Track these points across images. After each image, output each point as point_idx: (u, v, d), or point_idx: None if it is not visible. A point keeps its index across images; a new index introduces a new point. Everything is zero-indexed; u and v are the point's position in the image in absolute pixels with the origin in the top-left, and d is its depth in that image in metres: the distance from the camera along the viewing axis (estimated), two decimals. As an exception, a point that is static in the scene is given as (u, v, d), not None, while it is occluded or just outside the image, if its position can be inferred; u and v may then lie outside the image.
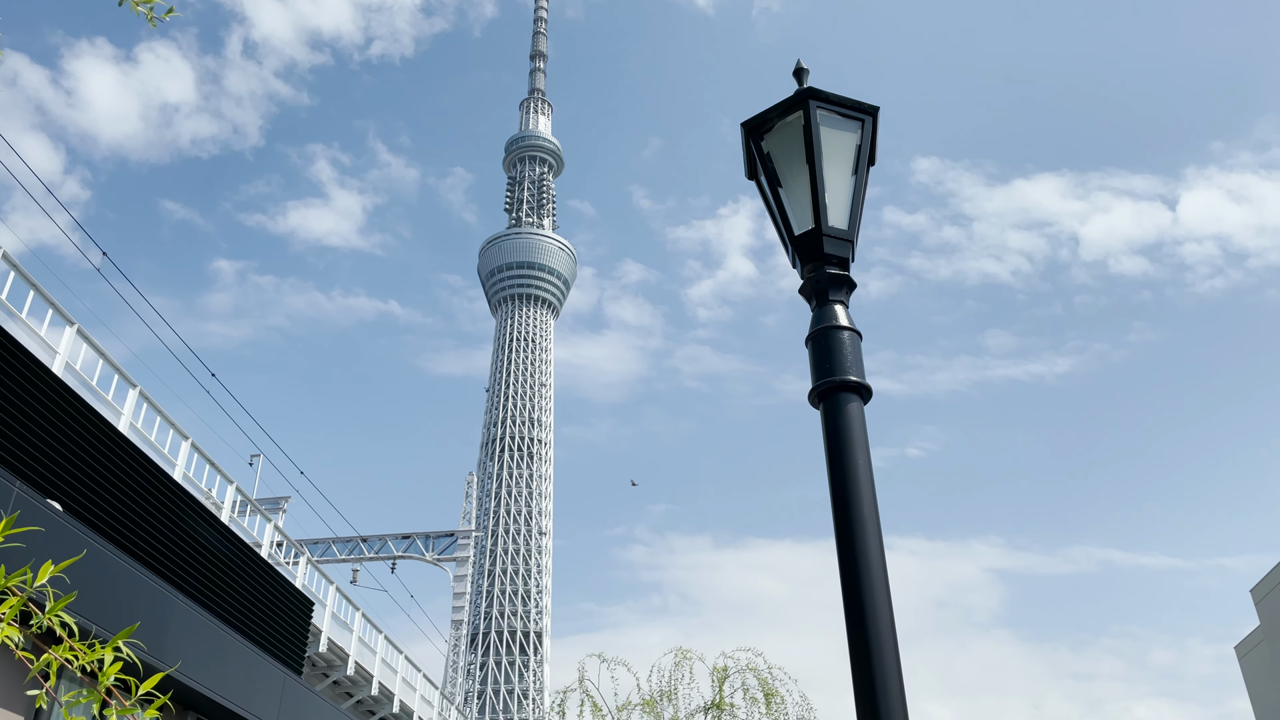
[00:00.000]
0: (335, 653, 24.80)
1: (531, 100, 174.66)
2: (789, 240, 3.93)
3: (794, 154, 3.93)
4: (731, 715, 20.89)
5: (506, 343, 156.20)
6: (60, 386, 11.25)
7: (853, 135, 3.98)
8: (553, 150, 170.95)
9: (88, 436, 11.52)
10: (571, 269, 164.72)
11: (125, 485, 12.06)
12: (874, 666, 3.11)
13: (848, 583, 3.26)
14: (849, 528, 3.33)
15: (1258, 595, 30.53)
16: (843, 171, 3.93)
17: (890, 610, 3.24)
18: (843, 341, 3.68)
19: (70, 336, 13.80)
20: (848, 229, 3.86)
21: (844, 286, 3.82)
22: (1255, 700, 32.47)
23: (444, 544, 49.22)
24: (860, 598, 3.22)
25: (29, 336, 12.96)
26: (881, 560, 3.30)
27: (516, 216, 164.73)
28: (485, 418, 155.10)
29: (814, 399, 3.65)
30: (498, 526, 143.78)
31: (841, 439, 3.49)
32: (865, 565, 3.26)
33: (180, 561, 13.00)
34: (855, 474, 3.41)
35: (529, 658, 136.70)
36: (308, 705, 14.48)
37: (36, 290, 13.28)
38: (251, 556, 15.40)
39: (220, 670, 11.94)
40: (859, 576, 3.25)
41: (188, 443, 16.73)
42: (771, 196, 4.00)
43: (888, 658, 3.12)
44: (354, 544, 46.50)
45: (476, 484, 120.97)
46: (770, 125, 4.01)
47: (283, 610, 16.11)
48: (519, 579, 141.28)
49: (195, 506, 13.79)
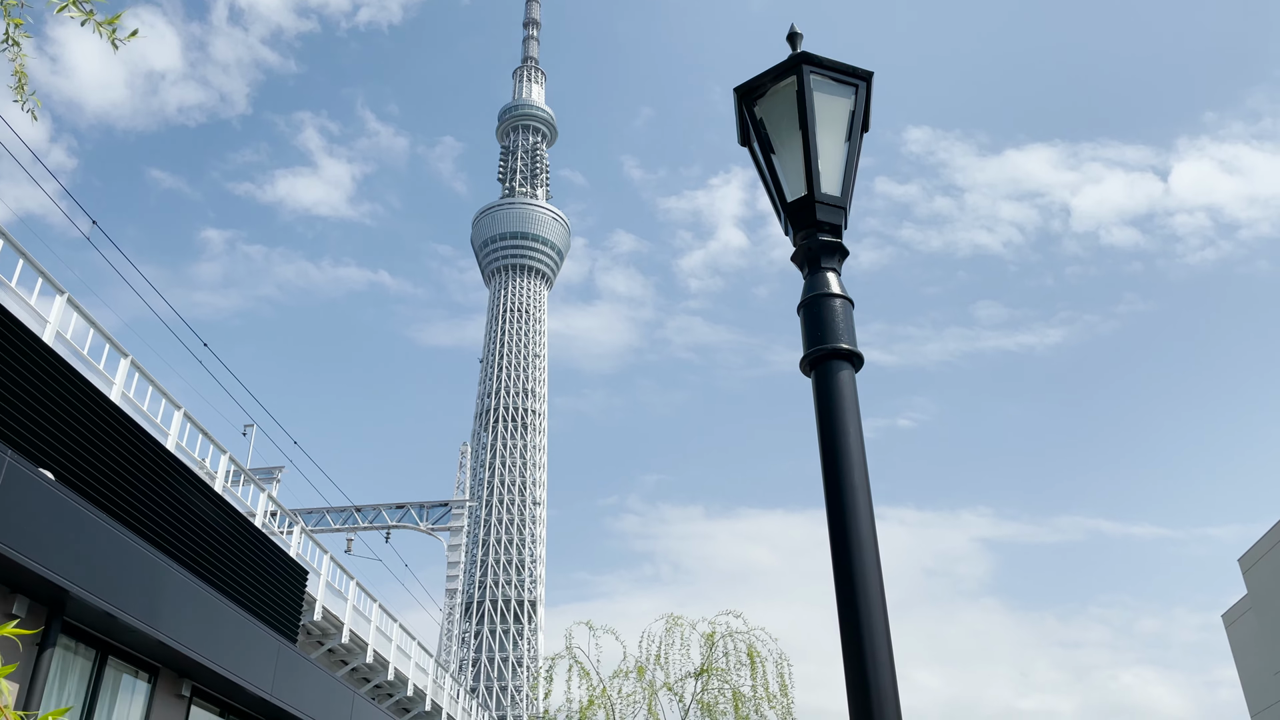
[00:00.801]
0: (330, 621, 24.93)
1: (525, 68, 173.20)
2: (781, 207, 3.89)
3: (787, 120, 3.89)
4: (722, 679, 21.14)
5: (500, 313, 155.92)
6: (51, 356, 11.20)
7: (846, 101, 3.93)
8: (546, 119, 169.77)
9: (79, 406, 11.48)
10: (565, 239, 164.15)
11: (118, 455, 12.05)
12: (864, 634, 3.12)
13: (838, 550, 3.26)
14: (839, 494, 3.33)
15: (1245, 565, 30.81)
16: (836, 138, 3.89)
17: (880, 578, 3.25)
18: (834, 309, 3.66)
19: (60, 306, 13.72)
20: (840, 196, 3.83)
21: (836, 254, 3.80)
22: (1241, 667, 32.87)
23: (438, 514, 49.37)
24: (850, 565, 3.22)
25: (19, 306, 12.88)
26: (872, 527, 3.30)
27: (510, 186, 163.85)
28: (479, 388, 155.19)
29: (805, 366, 3.63)
30: (492, 496, 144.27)
31: (832, 406, 3.48)
32: (855, 532, 3.26)
33: (174, 531, 13.02)
34: (846, 441, 3.40)
35: (523, 626, 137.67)
36: (303, 673, 14.57)
37: (26, 259, 13.19)
38: (246, 526, 15.42)
39: (215, 638, 11.99)
40: (849, 543, 3.25)
41: (180, 412, 16.71)
42: (764, 163, 3.96)
43: (877, 626, 3.13)
44: (348, 513, 46.62)
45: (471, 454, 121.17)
46: (763, 90, 3.97)
47: (277, 579, 16.17)
48: (513, 548, 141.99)
49: (189, 476, 13.79)
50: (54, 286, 13.69)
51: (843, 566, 3.24)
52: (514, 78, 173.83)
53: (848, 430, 3.42)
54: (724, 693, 21.08)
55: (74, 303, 14.04)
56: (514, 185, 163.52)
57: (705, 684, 21.11)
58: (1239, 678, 32.94)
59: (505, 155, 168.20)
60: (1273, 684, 29.59)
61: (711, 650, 21.44)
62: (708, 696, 21.09)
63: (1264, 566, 29.41)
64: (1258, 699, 31.41)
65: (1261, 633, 30.39)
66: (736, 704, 20.73)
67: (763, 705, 20.58)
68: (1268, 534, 29.00)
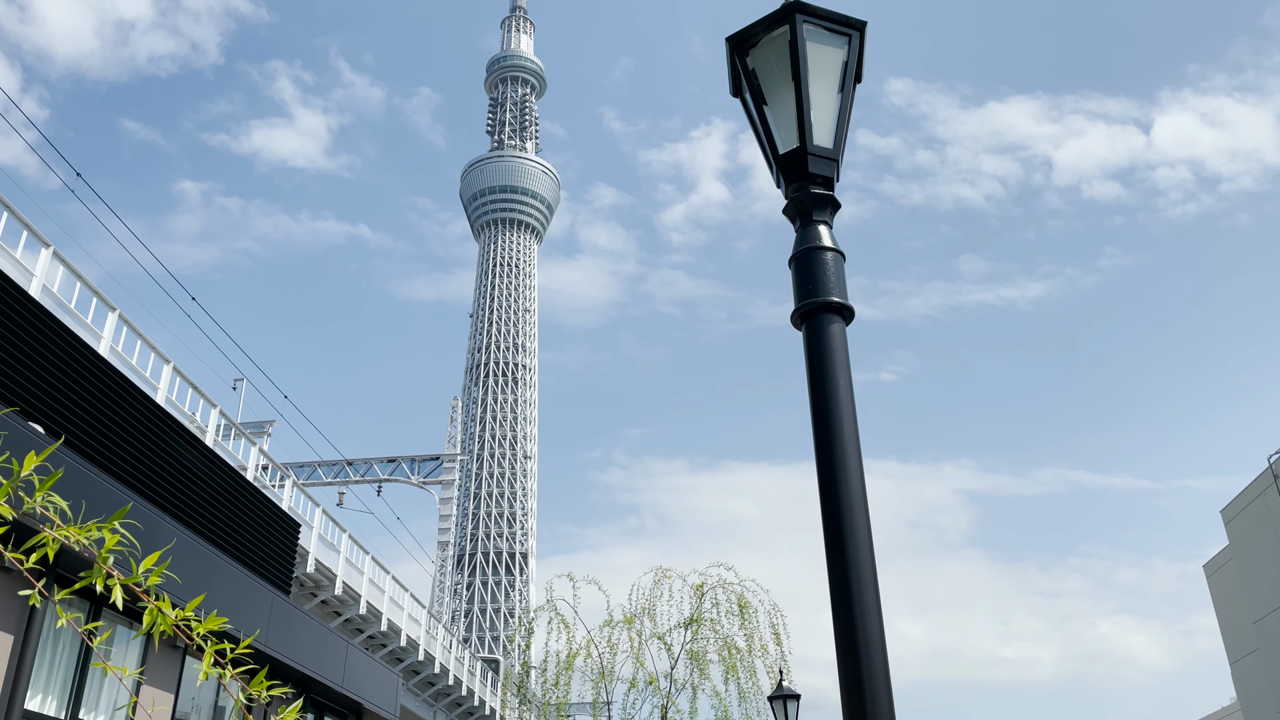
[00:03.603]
0: (323, 573, 25.12)
1: (513, 18, 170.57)
2: (773, 159, 3.86)
3: (780, 70, 3.83)
4: (712, 629, 21.41)
5: (490, 268, 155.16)
6: (39, 310, 11.13)
7: (840, 51, 3.87)
8: (535, 71, 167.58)
9: (68, 360, 11.44)
10: (555, 193, 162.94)
11: (107, 409, 12.02)
12: (852, 585, 3.15)
13: (827, 501, 3.29)
14: (829, 446, 3.35)
15: (1227, 516, 31.21)
16: (829, 89, 3.83)
17: (869, 530, 3.28)
18: (826, 262, 3.65)
19: (46, 259, 13.59)
20: (833, 148, 3.79)
21: (828, 207, 3.77)
22: (1221, 616, 33.44)
23: (429, 467, 49.55)
24: (840, 517, 3.25)
25: (4, 259, 12.76)
26: (861, 479, 3.32)
27: (499, 139, 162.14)
28: (469, 343, 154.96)
29: (796, 320, 3.63)
30: (483, 450, 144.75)
31: (823, 360, 3.48)
32: (845, 483, 3.29)
33: (167, 485, 13.04)
34: (836, 394, 3.41)
35: (514, 578, 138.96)
36: (296, 624, 14.70)
37: (11, 212, 13.03)
38: (237, 479, 15.46)
39: (209, 591, 12.08)
40: (839, 495, 3.27)
41: (169, 366, 16.65)
42: (756, 114, 3.91)
43: (866, 576, 3.17)
44: (339, 467, 46.74)
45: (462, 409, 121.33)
46: (755, 40, 3.90)
47: (269, 532, 16.25)
48: (504, 501, 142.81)
49: (179, 430, 13.78)
50: (39, 240, 13.55)
51: (832, 518, 3.26)
52: (503, 28, 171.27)
53: (838, 383, 3.43)
54: (713, 641, 21.35)
55: (60, 256, 13.91)
56: (503, 138, 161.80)
57: (695, 633, 21.38)
58: (1219, 626, 33.53)
59: (494, 107, 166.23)
60: (1252, 633, 30.14)
61: (701, 601, 21.69)
62: (697, 645, 21.37)
63: (1246, 518, 29.80)
64: (1237, 647, 32.02)
65: (1242, 582, 30.88)
66: (727, 651, 20.98)
67: (754, 657, 20.83)
68: (1250, 486, 29.36)
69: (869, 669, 3.03)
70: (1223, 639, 33.23)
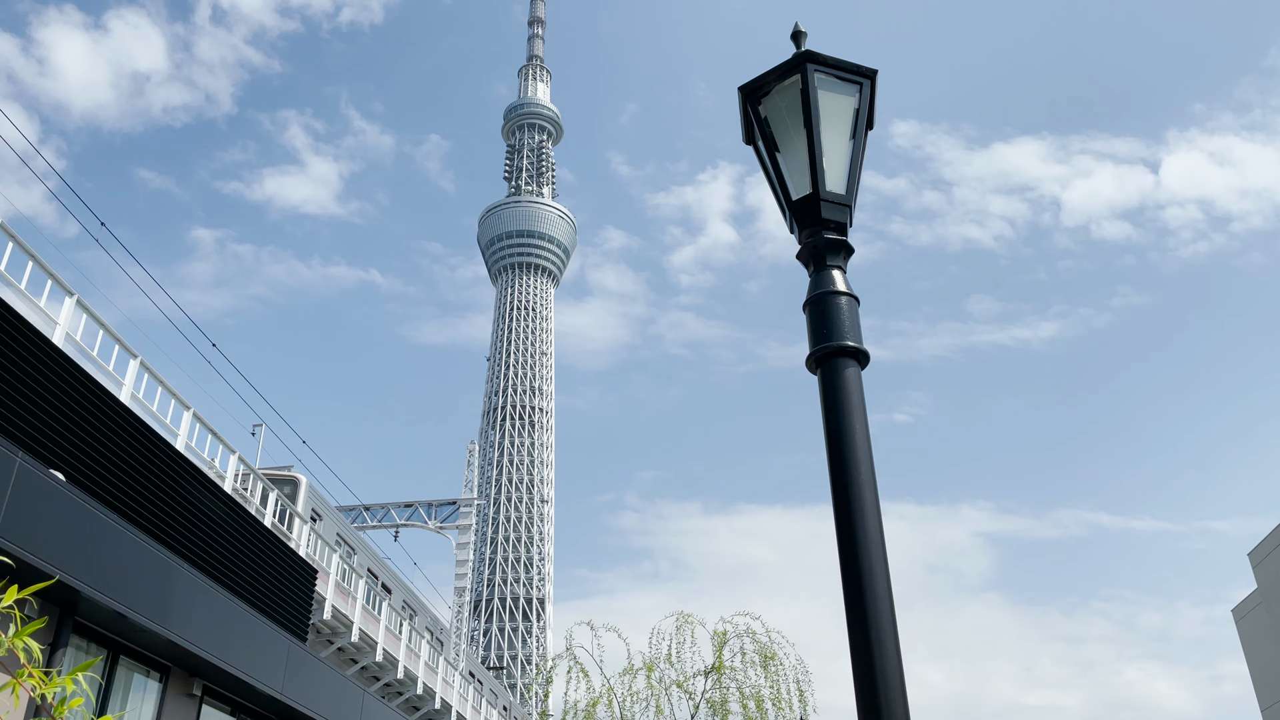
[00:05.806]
0: (339, 620, 25.02)
1: (530, 67, 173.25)
2: (786, 205, 3.90)
3: (791, 118, 3.89)
4: (732, 678, 21.12)
5: (507, 312, 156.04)
6: (62, 358, 11.26)
7: (851, 99, 3.93)
8: (552, 118, 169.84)
9: (90, 407, 11.54)
10: (571, 237, 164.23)
11: (128, 455, 12.10)
12: (871, 631, 3.12)
13: (845, 547, 3.27)
14: (847, 491, 3.34)
15: (1255, 559, 30.68)
16: (840, 136, 3.89)
17: (887, 574, 3.25)
18: (840, 307, 3.67)
19: (70, 307, 13.77)
20: (845, 194, 3.83)
21: (842, 251, 3.80)
22: (1251, 662, 32.74)
23: (446, 512, 49.47)
24: (858, 562, 3.23)
25: (29, 308, 12.94)
26: (879, 523, 3.31)
27: (516, 185, 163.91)
28: (486, 386, 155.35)
29: (811, 365, 3.64)
30: (500, 495, 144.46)
31: (839, 404, 3.49)
32: (863, 529, 3.27)
33: (185, 531, 13.07)
34: (853, 438, 3.41)
35: (531, 624, 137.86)
36: (313, 671, 14.62)
37: (35, 261, 13.24)
38: (255, 525, 15.48)
39: (226, 638, 12.05)
40: (856, 540, 3.26)
41: (189, 412, 16.76)
42: (769, 161, 3.96)
43: (885, 622, 3.14)
44: (357, 512, 46.73)
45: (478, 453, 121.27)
46: (768, 89, 3.97)
47: (286, 578, 16.22)
48: (521, 546, 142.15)
49: (198, 476, 13.84)
50: (63, 288, 13.75)
51: (850, 563, 3.25)
52: (519, 76, 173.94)
53: (854, 428, 3.43)
54: (733, 691, 21.05)
55: (83, 304, 14.09)
56: (520, 184, 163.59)
57: (717, 681, 21.10)
58: (1249, 672, 32.81)
59: (511, 153, 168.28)
60: (1283, 678, 29.47)
61: (722, 648, 21.42)
62: (717, 694, 21.07)
63: (1274, 560, 29.29)
64: (1268, 694, 31.29)
65: (1271, 627, 30.27)
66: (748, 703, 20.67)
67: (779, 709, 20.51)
68: (1278, 528, 28.90)
69: (889, 717, 2.99)
70: (1253, 685, 32.50)
